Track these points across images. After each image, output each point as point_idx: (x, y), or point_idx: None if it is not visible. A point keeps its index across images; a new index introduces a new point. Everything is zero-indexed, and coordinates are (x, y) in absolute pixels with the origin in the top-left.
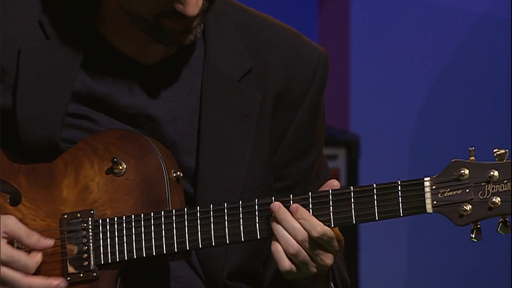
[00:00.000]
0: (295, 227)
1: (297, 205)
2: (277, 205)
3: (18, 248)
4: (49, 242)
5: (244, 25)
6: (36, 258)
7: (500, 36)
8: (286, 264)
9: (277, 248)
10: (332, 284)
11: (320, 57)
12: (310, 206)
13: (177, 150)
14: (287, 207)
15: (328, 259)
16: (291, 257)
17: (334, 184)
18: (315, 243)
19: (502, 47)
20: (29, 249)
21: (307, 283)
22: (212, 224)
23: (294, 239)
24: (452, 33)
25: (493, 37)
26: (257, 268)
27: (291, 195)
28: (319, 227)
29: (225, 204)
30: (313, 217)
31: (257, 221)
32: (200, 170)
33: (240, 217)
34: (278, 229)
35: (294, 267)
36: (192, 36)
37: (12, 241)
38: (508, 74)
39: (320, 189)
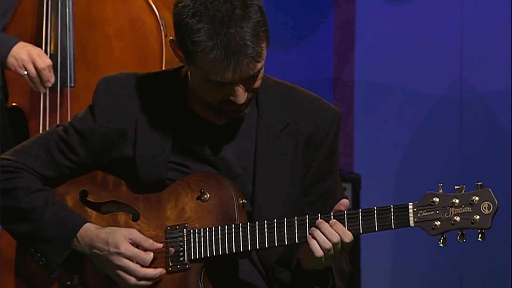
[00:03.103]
0: (332, 232)
1: (335, 220)
2: (321, 220)
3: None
4: (159, 245)
5: (283, 94)
6: (150, 256)
7: (451, 111)
8: (320, 252)
9: (314, 242)
10: (331, 274)
11: (335, 114)
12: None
13: (242, 180)
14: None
15: (343, 254)
16: (325, 251)
17: (345, 202)
18: (343, 244)
19: (453, 120)
20: (145, 250)
21: (316, 271)
22: (266, 233)
23: (330, 240)
24: (418, 109)
25: (446, 112)
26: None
27: (331, 213)
28: (350, 236)
29: (275, 220)
30: (345, 228)
31: (296, 231)
32: (255, 193)
33: (284, 228)
34: (317, 232)
35: (324, 256)
36: (242, 113)
37: (134, 244)
38: (457, 139)
39: (336, 207)
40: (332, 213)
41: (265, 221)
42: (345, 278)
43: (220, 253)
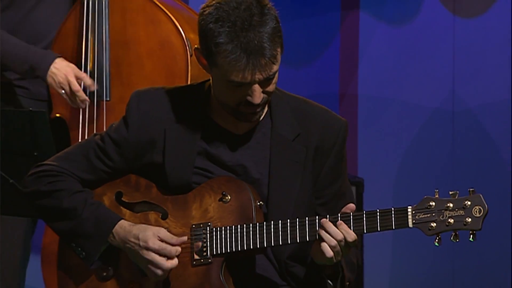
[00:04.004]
0: (336, 231)
1: (341, 221)
2: (326, 220)
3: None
4: (184, 238)
5: (294, 106)
6: (176, 250)
7: (444, 122)
8: (330, 252)
9: (324, 244)
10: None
11: (342, 125)
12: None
13: (259, 184)
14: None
15: (350, 250)
16: (331, 248)
17: (351, 206)
18: (346, 242)
19: (446, 130)
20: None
21: (327, 265)
22: (280, 232)
23: (334, 238)
24: (415, 120)
25: (440, 123)
26: (306, 255)
27: (339, 214)
28: (353, 235)
29: (288, 220)
30: (349, 229)
31: (307, 230)
32: (270, 196)
33: (296, 228)
34: (324, 233)
35: (333, 255)
36: (258, 116)
37: (162, 241)
38: (450, 147)
39: (343, 210)
40: (339, 215)
41: (280, 221)
42: (355, 270)
43: (239, 248)
